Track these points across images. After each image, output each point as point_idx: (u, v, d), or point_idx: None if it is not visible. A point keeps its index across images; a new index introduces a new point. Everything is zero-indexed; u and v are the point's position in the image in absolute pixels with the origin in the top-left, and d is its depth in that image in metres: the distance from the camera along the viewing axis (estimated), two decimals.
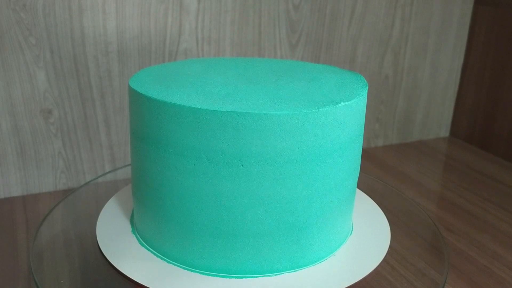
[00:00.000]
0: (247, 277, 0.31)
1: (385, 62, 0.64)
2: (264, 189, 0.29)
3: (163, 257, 0.33)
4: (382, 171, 0.58)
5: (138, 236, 0.35)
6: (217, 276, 0.31)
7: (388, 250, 0.35)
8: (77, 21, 0.47)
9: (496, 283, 0.37)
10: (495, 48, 0.64)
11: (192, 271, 0.32)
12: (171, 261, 0.33)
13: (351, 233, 0.37)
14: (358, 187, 0.38)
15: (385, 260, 0.34)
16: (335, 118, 0.29)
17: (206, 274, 0.31)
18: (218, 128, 0.28)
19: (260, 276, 0.31)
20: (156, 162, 0.31)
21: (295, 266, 0.32)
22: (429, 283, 0.34)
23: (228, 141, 0.28)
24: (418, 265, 0.37)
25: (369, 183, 0.47)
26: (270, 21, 0.55)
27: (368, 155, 0.63)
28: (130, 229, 0.36)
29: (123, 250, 0.34)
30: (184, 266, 0.32)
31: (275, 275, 0.31)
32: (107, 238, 0.35)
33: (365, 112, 0.33)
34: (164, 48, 0.51)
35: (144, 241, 0.34)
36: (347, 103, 0.30)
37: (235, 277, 0.31)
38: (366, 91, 0.33)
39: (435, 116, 0.70)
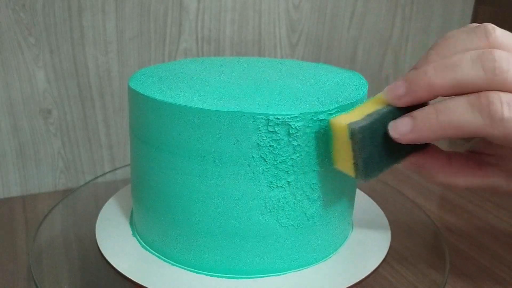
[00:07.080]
0: (250, 278, 0.31)
1: (386, 62, 0.63)
2: (269, 190, 0.29)
3: (163, 257, 0.33)
4: None
5: (137, 236, 0.35)
6: (219, 277, 0.31)
7: (388, 250, 0.35)
8: (76, 21, 0.47)
9: (496, 283, 0.37)
10: None
11: (192, 271, 0.32)
12: (169, 261, 0.32)
13: (351, 233, 0.37)
14: (358, 187, 0.38)
15: (385, 260, 0.34)
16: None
17: (207, 275, 0.31)
18: (221, 128, 0.28)
19: (262, 277, 0.31)
20: (157, 163, 0.31)
21: (295, 266, 0.32)
22: (430, 283, 0.34)
23: (232, 141, 0.28)
24: (419, 265, 0.36)
25: (369, 183, 0.47)
26: (270, 21, 0.55)
27: None
28: (130, 229, 0.36)
29: (123, 250, 0.34)
30: (183, 267, 0.32)
31: (275, 275, 0.31)
32: (106, 239, 0.35)
33: None
34: (164, 48, 0.51)
35: (144, 242, 0.34)
36: (352, 101, 0.30)
37: (238, 278, 0.31)
38: (367, 89, 0.33)
39: None
